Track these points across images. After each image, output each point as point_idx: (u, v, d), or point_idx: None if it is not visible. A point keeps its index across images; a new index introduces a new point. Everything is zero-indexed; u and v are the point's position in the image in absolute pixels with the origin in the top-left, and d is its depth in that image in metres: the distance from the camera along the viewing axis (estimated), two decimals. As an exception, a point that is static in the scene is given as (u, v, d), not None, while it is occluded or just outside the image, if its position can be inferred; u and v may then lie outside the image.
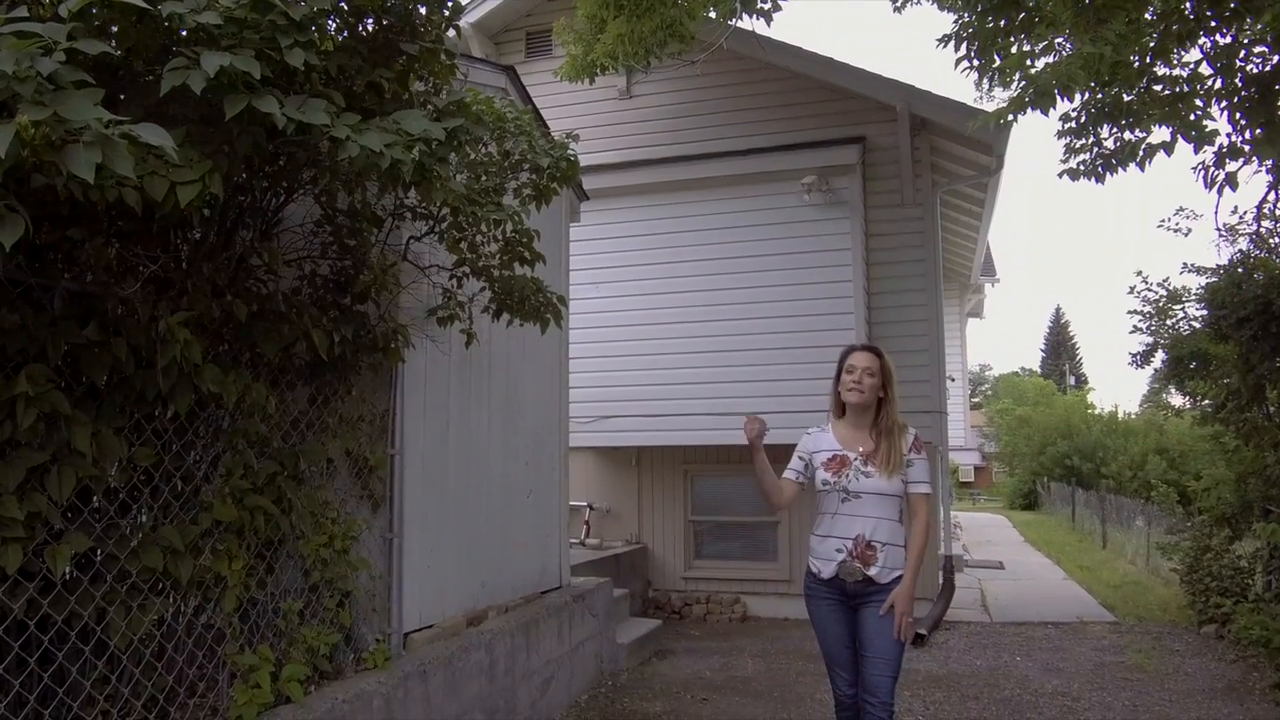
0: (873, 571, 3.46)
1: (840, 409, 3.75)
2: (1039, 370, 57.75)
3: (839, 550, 3.51)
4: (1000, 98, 5.71)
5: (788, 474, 3.73)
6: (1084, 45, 3.67)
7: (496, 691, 4.69)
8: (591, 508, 9.63)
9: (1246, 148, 4.51)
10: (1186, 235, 8.74)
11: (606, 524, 9.69)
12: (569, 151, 4.31)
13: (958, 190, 10.07)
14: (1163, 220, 8.83)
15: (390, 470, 4.22)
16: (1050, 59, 4.13)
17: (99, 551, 2.72)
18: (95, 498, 2.78)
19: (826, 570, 3.55)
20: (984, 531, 18.54)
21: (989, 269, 15.81)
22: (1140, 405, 44.90)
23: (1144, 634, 7.71)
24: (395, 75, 3.14)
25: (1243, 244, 7.68)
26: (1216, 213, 10.35)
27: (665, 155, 9.35)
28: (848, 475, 3.54)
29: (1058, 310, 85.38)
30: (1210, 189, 4.42)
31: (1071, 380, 51.03)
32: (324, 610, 3.70)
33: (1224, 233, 8.04)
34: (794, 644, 7.62)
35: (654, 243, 9.15)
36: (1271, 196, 6.74)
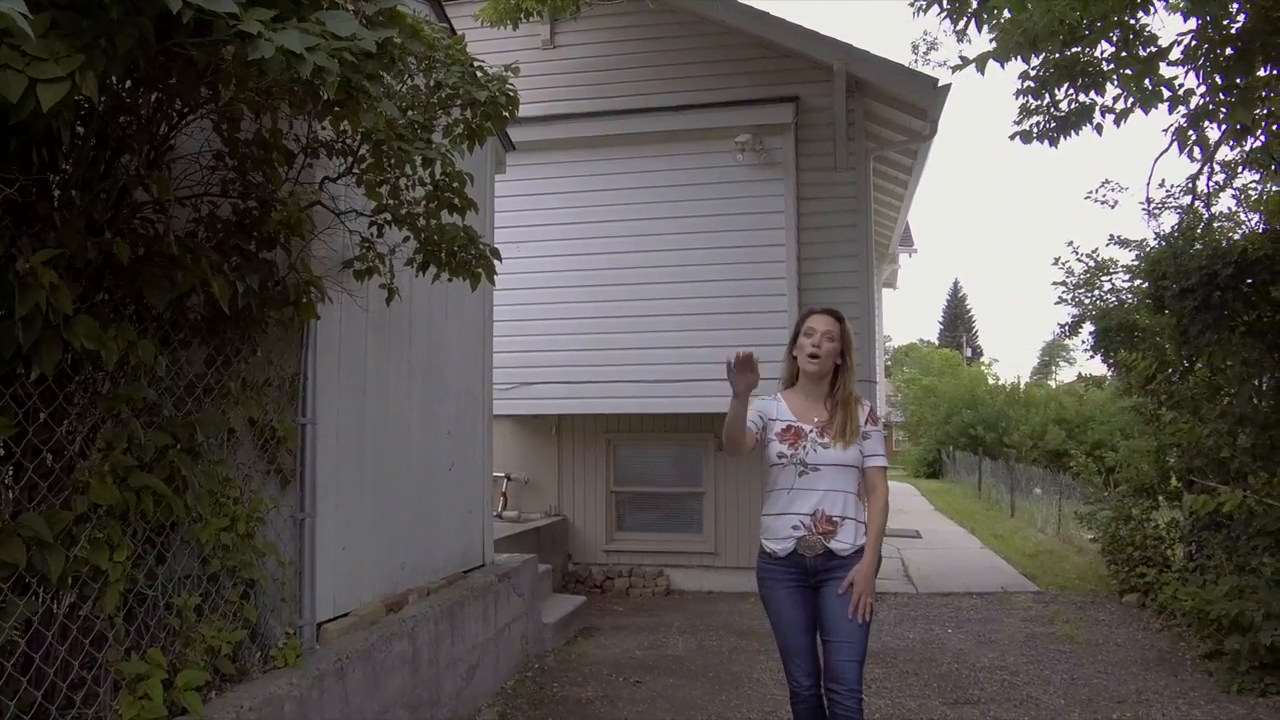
0: (834, 545, 3.21)
1: (792, 378, 3.48)
2: (936, 342, 59.35)
3: (795, 528, 3.25)
4: (935, 62, 5.45)
5: (748, 425, 3.34)
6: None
7: (420, 683, 4.27)
8: (509, 478, 9.20)
9: (1212, 106, 4.35)
10: (1113, 207, 8.77)
11: (525, 495, 9.28)
12: (508, 86, 3.85)
13: (885, 157, 9.88)
14: (1090, 192, 8.83)
15: (301, 441, 3.72)
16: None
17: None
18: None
19: (783, 549, 3.28)
20: (895, 500, 18.60)
21: (907, 240, 15.85)
22: (1031, 377, 46.71)
23: (1068, 604, 7.74)
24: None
25: (1168, 218, 7.71)
26: (1148, 184, 10.47)
27: (591, 109, 8.87)
28: (804, 447, 3.29)
29: (956, 283, 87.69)
30: (1183, 152, 4.26)
31: (968, 352, 52.68)
32: (225, 604, 3.21)
33: (1148, 208, 8.07)
34: (722, 619, 7.40)
35: (578, 200, 8.71)
36: (1205, 172, 6.73)
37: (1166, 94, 4.16)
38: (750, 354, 3.16)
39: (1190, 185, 6.96)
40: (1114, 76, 4.87)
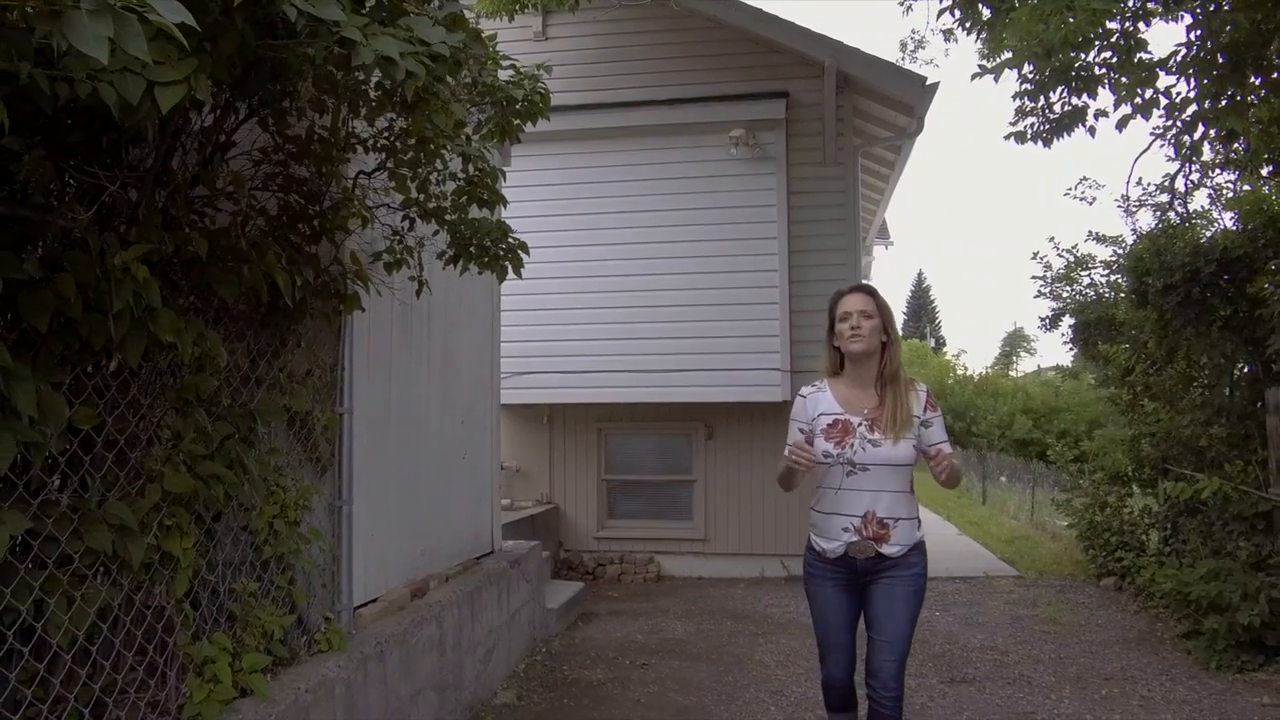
0: (886, 549, 3.15)
1: (836, 366, 3.34)
2: (901, 332, 59.95)
3: (845, 530, 3.15)
4: (922, 60, 5.62)
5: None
6: (1094, 2, 3.57)
7: (446, 667, 4.38)
8: (501, 467, 9.27)
9: (1205, 115, 4.55)
10: (1091, 204, 9.03)
11: (516, 483, 9.37)
12: (540, 85, 3.95)
13: (870, 152, 10.07)
14: (1069, 189, 9.07)
15: (340, 431, 3.81)
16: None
17: (37, 532, 2.26)
18: (30, 468, 2.31)
19: (833, 550, 3.20)
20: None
21: (883, 233, 16.09)
22: (993, 366, 47.45)
23: (1048, 587, 8.01)
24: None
25: (1145, 215, 7.97)
26: (1128, 182, 10.75)
27: (583, 102, 8.94)
28: (852, 445, 3.16)
29: (920, 274, 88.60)
30: (1177, 156, 4.47)
31: (932, 342, 53.36)
32: (276, 589, 3.29)
33: (1126, 205, 8.33)
34: (716, 604, 7.57)
35: (570, 193, 8.80)
36: (1184, 171, 6.98)
37: (1164, 101, 4.35)
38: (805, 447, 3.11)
39: (1169, 184, 7.20)
40: (1105, 81, 5.07)
